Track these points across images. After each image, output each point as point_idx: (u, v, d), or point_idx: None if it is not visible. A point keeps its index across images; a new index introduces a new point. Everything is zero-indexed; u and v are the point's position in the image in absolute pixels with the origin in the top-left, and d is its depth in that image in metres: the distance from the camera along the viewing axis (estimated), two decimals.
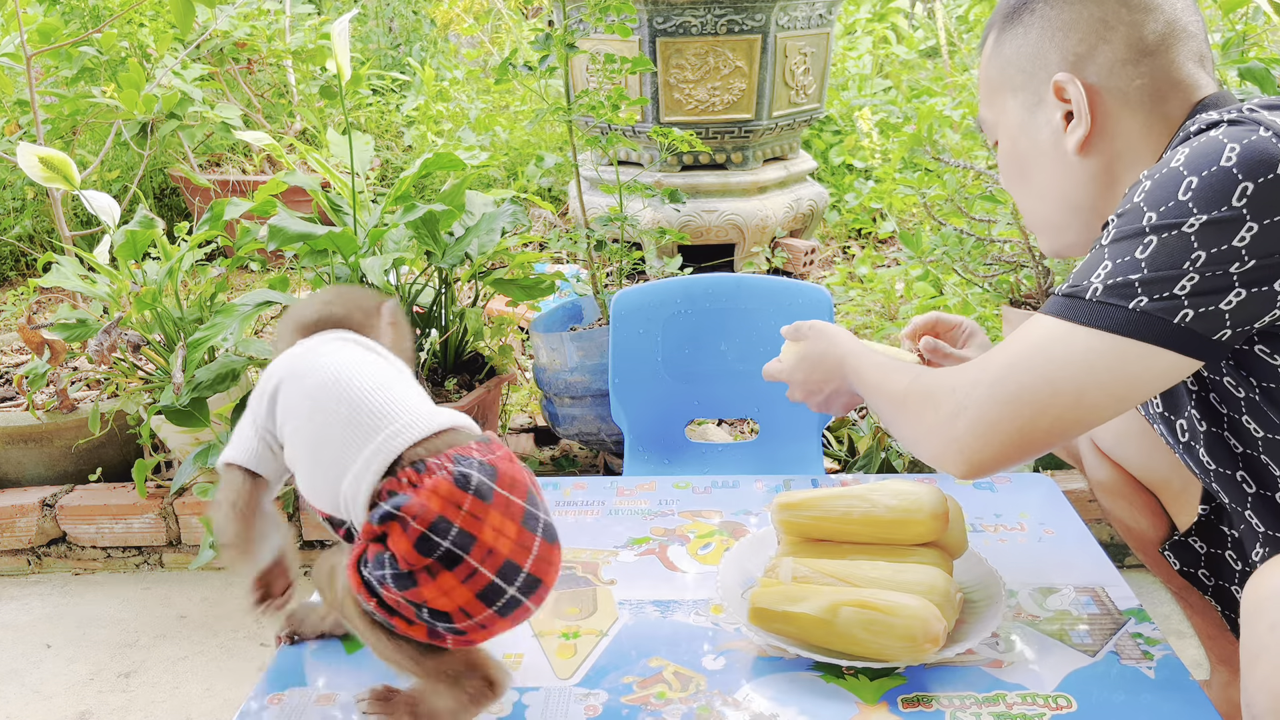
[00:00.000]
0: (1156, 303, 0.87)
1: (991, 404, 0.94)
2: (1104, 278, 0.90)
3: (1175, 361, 0.89)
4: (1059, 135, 1.04)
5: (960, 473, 0.98)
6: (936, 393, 1.00)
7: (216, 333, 1.92)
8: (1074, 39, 1.02)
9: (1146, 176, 0.92)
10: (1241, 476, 1.02)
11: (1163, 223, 0.88)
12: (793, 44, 3.14)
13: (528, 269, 2.32)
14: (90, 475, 2.34)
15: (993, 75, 1.09)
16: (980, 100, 1.14)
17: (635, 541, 1.32)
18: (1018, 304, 2.27)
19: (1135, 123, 1.02)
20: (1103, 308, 0.90)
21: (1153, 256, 0.88)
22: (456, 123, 4.38)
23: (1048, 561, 1.23)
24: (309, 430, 0.98)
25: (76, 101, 2.87)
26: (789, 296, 1.93)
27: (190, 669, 1.89)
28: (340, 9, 5.05)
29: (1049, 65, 1.03)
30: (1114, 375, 0.90)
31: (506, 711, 1.00)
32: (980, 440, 0.95)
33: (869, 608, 1.01)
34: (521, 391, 2.69)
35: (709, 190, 3.25)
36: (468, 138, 3.76)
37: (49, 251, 2.70)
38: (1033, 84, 1.05)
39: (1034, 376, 0.92)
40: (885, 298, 3.14)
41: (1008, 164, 1.13)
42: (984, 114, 1.14)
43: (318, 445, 0.98)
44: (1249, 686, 0.86)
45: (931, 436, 1.00)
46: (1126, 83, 1.01)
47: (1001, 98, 1.09)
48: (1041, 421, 0.93)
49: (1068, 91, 1.02)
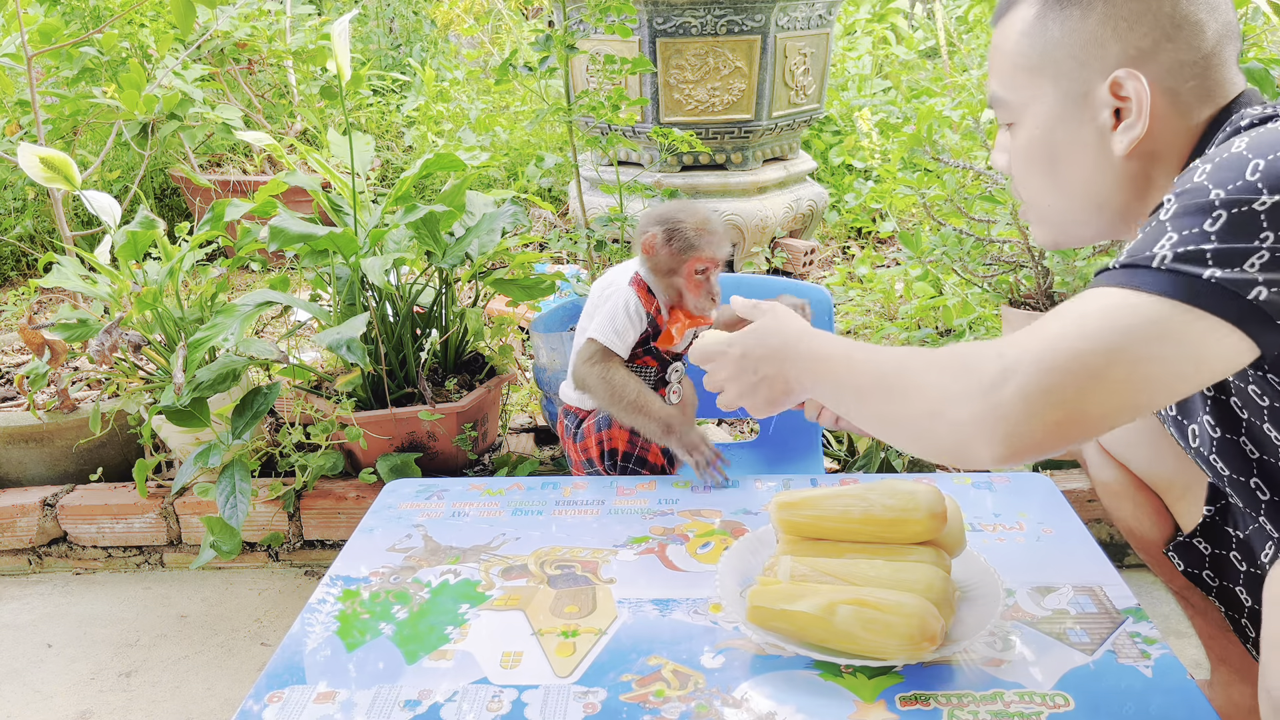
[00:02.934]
0: (1229, 274, 0.81)
1: (1045, 371, 0.83)
2: (1171, 247, 0.83)
3: (1238, 346, 0.82)
4: (1104, 133, 0.98)
5: (995, 452, 0.86)
6: (974, 357, 0.88)
7: (217, 333, 1.92)
8: (1139, 32, 0.95)
9: (1204, 162, 0.87)
10: (1256, 483, 1.02)
11: (1232, 198, 0.83)
12: (792, 44, 3.15)
13: (528, 269, 2.32)
14: (91, 475, 2.34)
15: (1028, 54, 1.00)
16: (997, 75, 1.04)
17: (635, 541, 1.32)
18: (1017, 304, 2.27)
19: (1180, 125, 0.97)
20: (1172, 276, 0.82)
21: (1222, 230, 0.82)
22: (457, 123, 4.39)
23: (1046, 561, 1.23)
24: None
25: (77, 102, 2.88)
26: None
27: (191, 668, 1.89)
28: (340, 9, 5.05)
29: (1107, 58, 0.96)
30: (1179, 349, 0.82)
31: (506, 710, 1.00)
32: (1028, 411, 0.83)
33: (867, 606, 1.01)
34: (521, 391, 2.70)
35: (709, 190, 3.25)
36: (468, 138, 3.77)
37: (50, 252, 2.70)
38: (1083, 73, 0.97)
39: (1092, 343, 0.83)
40: (885, 298, 3.15)
41: (1031, 153, 1.04)
42: (1001, 92, 1.04)
43: None
44: (1270, 671, 0.86)
45: (961, 406, 0.87)
46: (1181, 83, 0.96)
47: (1037, 81, 1.00)
48: (1095, 396, 0.83)
49: (1126, 88, 0.95)
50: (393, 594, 1.22)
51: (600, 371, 1.54)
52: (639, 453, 1.58)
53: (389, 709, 1.01)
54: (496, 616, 1.16)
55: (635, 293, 1.56)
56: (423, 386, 2.17)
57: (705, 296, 1.53)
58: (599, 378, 1.54)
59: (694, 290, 1.53)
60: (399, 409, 2.15)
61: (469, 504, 1.45)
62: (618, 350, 1.56)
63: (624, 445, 1.57)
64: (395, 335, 2.23)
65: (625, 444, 1.57)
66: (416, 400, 2.20)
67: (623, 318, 1.55)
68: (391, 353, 2.22)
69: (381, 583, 1.25)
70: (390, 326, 2.23)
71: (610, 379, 1.53)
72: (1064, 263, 2.18)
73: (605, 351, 1.56)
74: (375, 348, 2.17)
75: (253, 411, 2.03)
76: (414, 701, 1.02)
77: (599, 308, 1.60)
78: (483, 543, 1.34)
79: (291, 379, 2.32)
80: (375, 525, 1.40)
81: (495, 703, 1.01)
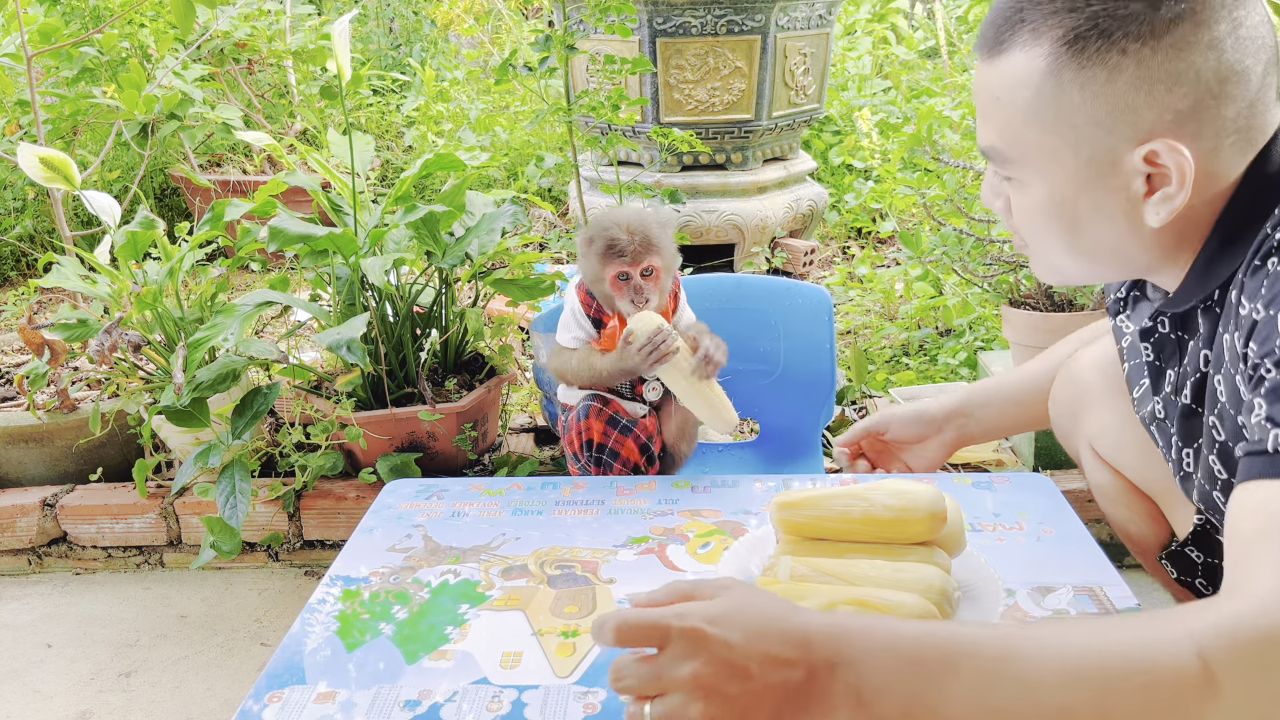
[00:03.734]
0: None
1: (1255, 667, 0.65)
2: None
3: None
4: (1136, 202, 0.86)
5: None
6: (1160, 668, 0.67)
7: (217, 333, 1.92)
8: (1178, 94, 0.81)
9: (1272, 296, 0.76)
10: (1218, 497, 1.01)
11: None
12: (792, 44, 3.15)
13: (528, 269, 2.32)
14: (91, 475, 2.34)
15: (1040, 115, 0.86)
16: (994, 126, 0.91)
17: (635, 541, 1.32)
18: (1017, 304, 2.27)
19: (1220, 182, 0.85)
20: None
21: None
22: (457, 123, 4.39)
23: (1046, 561, 1.23)
24: None
25: (77, 102, 2.88)
26: (789, 296, 1.93)
27: (191, 668, 1.89)
28: (340, 9, 5.05)
29: (1140, 124, 0.82)
30: None
31: (506, 710, 1.00)
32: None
33: (868, 606, 1.01)
34: (522, 391, 2.70)
35: (709, 190, 3.25)
36: (468, 138, 3.77)
37: (50, 252, 2.70)
38: (1110, 141, 0.84)
39: None
40: (885, 298, 3.15)
41: (1046, 215, 0.92)
42: (1001, 147, 0.91)
43: None
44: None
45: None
46: (1223, 140, 0.84)
47: (1051, 144, 0.87)
48: None
49: (1162, 158, 0.83)
50: (393, 594, 1.22)
51: (562, 362, 1.65)
52: (613, 445, 1.61)
53: (389, 709, 1.01)
54: (496, 616, 1.16)
55: (576, 297, 1.63)
56: (423, 386, 2.17)
57: (628, 300, 1.55)
58: (565, 366, 1.64)
59: (618, 293, 1.56)
60: (399, 409, 2.15)
61: (469, 504, 1.45)
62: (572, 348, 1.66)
63: (599, 436, 1.61)
64: (395, 335, 2.23)
65: (600, 435, 1.62)
66: (416, 400, 2.20)
67: (570, 322, 1.63)
68: (391, 353, 2.22)
69: (381, 583, 1.25)
70: (390, 326, 2.23)
71: (569, 363, 1.63)
72: None
73: (564, 347, 1.66)
74: (375, 348, 2.17)
75: (253, 411, 2.03)
76: (414, 702, 1.02)
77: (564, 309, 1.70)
78: (483, 543, 1.34)
79: (291, 379, 2.32)
80: (375, 525, 1.40)
81: (495, 703, 1.01)
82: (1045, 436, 2.20)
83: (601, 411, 1.61)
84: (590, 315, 1.61)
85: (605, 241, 1.53)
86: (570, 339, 1.64)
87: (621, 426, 1.61)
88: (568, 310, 1.64)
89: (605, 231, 1.54)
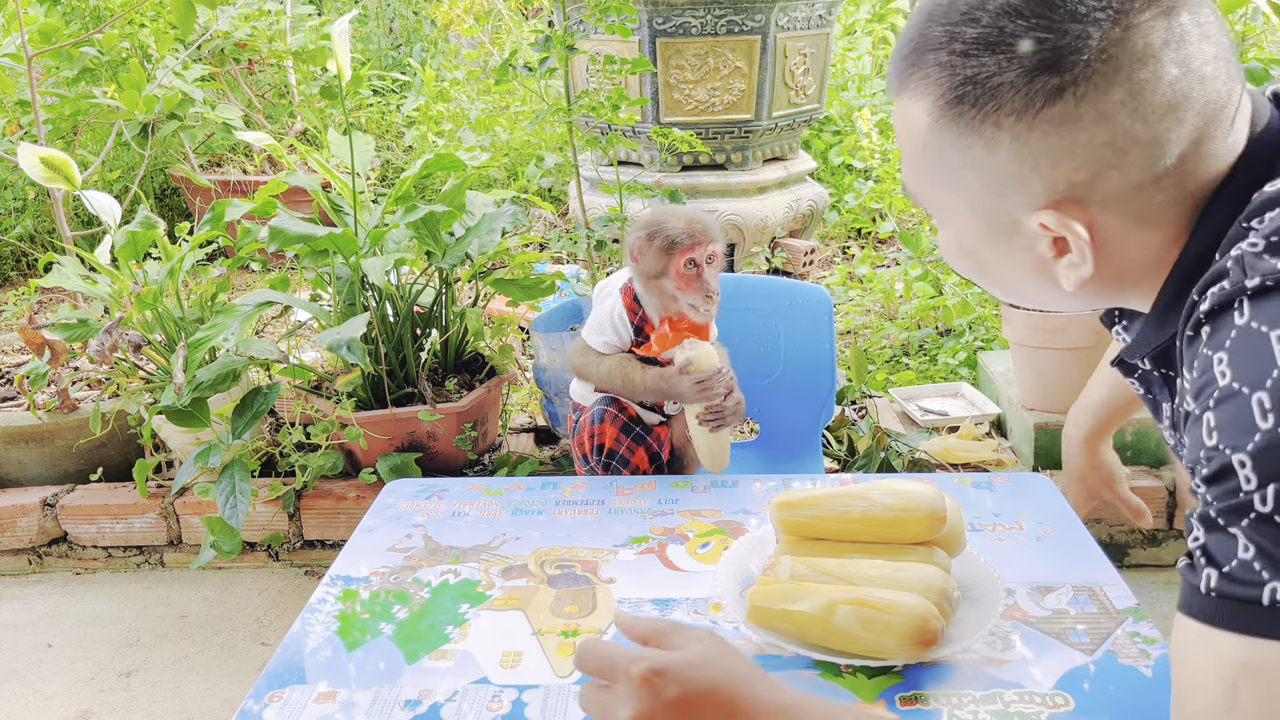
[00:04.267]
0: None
1: None
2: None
3: None
4: (1045, 262, 0.79)
5: None
6: None
7: (217, 333, 1.92)
8: (1068, 168, 0.73)
9: (1208, 399, 0.67)
10: None
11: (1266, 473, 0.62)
12: (792, 44, 3.15)
13: (528, 269, 2.33)
14: (91, 475, 2.34)
15: (933, 167, 0.80)
16: (904, 160, 0.84)
17: (634, 540, 1.32)
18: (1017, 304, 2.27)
19: (1154, 236, 0.77)
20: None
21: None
22: (457, 123, 4.39)
23: (1046, 561, 1.23)
24: None
25: (77, 102, 2.88)
26: (789, 296, 1.93)
27: (191, 668, 1.89)
28: (340, 9, 5.06)
29: (1031, 193, 0.75)
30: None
31: (506, 709, 1.00)
32: None
33: (867, 606, 1.01)
34: (522, 391, 2.70)
35: (709, 190, 3.25)
36: (468, 138, 3.77)
37: (50, 252, 2.70)
38: (1003, 204, 0.78)
39: None
40: (885, 298, 3.15)
41: (960, 263, 0.87)
42: (910, 186, 0.85)
43: None
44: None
45: None
46: (1144, 203, 0.75)
47: (945, 198, 0.82)
48: None
49: (1056, 229, 0.76)
50: (393, 594, 1.22)
51: (586, 362, 1.60)
52: (624, 452, 1.59)
53: (389, 709, 1.01)
54: (496, 616, 1.16)
55: (621, 301, 1.58)
56: (423, 386, 2.17)
57: (698, 294, 1.49)
58: (589, 368, 1.60)
59: (685, 287, 1.50)
60: (399, 409, 2.15)
61: (469, 504, 1.45)
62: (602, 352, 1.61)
63: (611, 442, 1.59)
64: (395, 335, 2.23)
65: (613, 441, 1.59)
66: (416, 400, 2.20)
67: (607, 325, 1.58)
68: (391, 353, 2.22)
69: (381, 583, 1.25)
70: (390, 326, 2.23)
71: (599, 368, 1.59)
72: None
73: (591, 348, 1.61)
74: (375, 348, 2.17)
75: (253, 411, 2.03)
76: (414, 701, 1.02)
77: (594, 310, 1.63)
78: (483, 543, 1.34)
79: (291, 379, 2.32)
80: (375, 525, 1.40)
81: (495, 702, 1.01)
82: (1045, 436, 2.20)
83: (617, 417, 1.59)
84: (633, 322, 1.57)
85: (667, 234, 1.49)
86: (602, 343, 1.59)
87: (635, 434, 1.60)
88: (606, 312, 1.58)
89: (663, 225, 1.49)
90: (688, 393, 1.48)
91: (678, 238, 1.49)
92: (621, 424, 1.59)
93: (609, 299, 1.60)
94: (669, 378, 1.50)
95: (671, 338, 1.53)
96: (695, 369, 1.48)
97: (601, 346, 1.58)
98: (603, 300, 1.61)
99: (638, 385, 1.55)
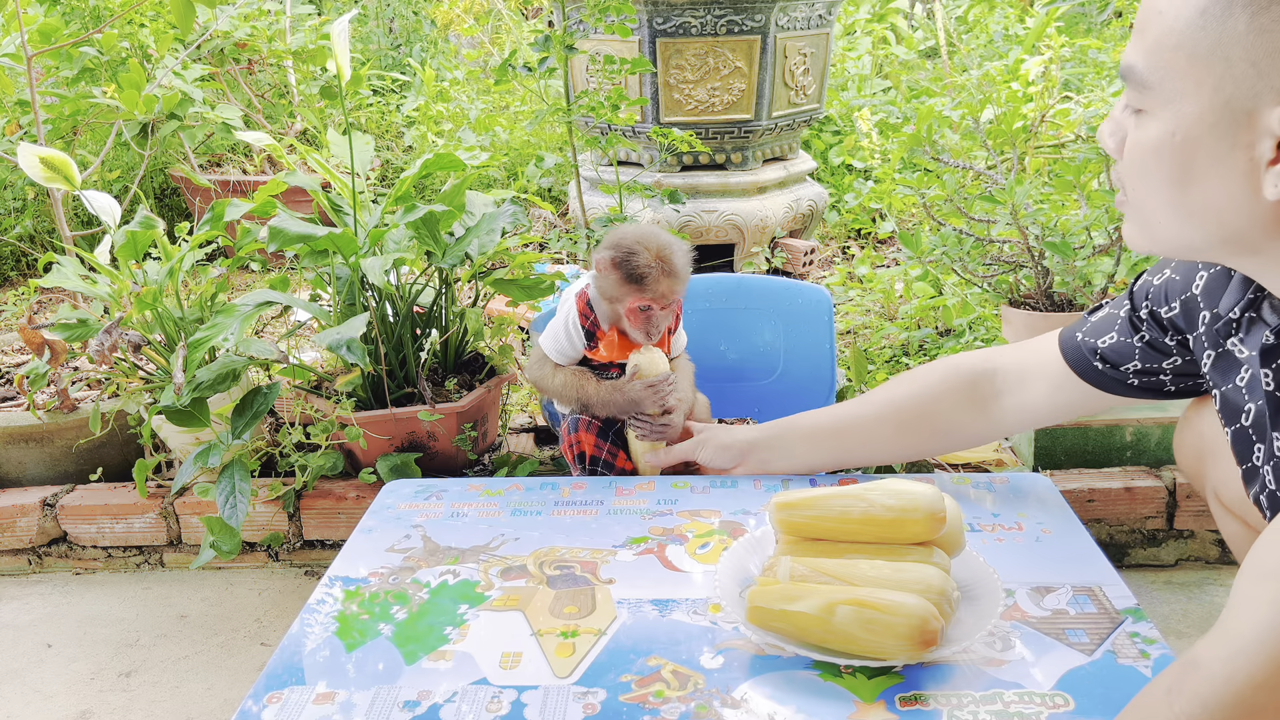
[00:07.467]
0: None
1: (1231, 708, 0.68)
2: None
3: None
4: (1258, 167, 0.79)
5: None
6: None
7: (217, 333, 1.92)
8: None
9: None
10: None
11: None
12: (792, 44, 3.15)
13: (528, 269, 2.32)
14: (91, 475, 2.34)
15: (1197, 38, 0.79)
16: (1144, 44, 0.83)
17: (634, 541, 1.32)
18: (1017, 304, 2.27)
19: None
20: None
21: None
22: (457, 123, 4.39)
23: (1045, 561, 1.23)
24: None
25: (77, 102, 2.88)
26: (789, 296, 1.94)
27: (191, 668, 1.89)
28: (340, 9, 5.05)
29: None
30: None
31: (505, 710, 1.00)
32: None
33: (867, 606, 1.01)
34: (521, 391, 2.70)
35: (709, 190, 3.25)
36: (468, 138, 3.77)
37: (50, 252, 2.70)
38: (1257, 85, 0.76)
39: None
40: (885, 298, 3.15)
41: (1159, 157, 0.85)
42: (1142, 69, 0.83)
43: None
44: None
45: None
46: None
47: (1196, 74, 0.80)
48: None
49: None
50: (392, 594, 1.22)
51: (542, 374, 1.62)
52: (606, 457, 1.60)
53: (388, 710, 1.01)
54: (496, 617, 1.16)
55: (575, 308, 1.59)
56: (423, 386, 2.17)
57: (641, 332, 1.53)
58: (545, 380, 1.62)
59: (633, 323, 1.54)
60: (399, 409, 2.15)
61: (468, 504, 1.45)
62: (558, 361, 1.63)
63: (591, 449, 1.61)
64: (395, 335, 2.23)
65: (592, 448, 1.61)
66: (416, 400, 2.20)
67: (562, 334, 1.61)
68: (391, 353, 2.22)
69: (381, 583, 1.25)
70: (390, 326, 2.23)
71: (553, 381, 1.61)
72: (1063, 263, 2.18)
73: (547, 358, 1.63)
74: (375, 348, 2.17)
75: (253, 411, 2.03)
76: (413, 702, 1.02)
77: (554, 317, 1.66)
78: (482, 543, 1.34)
79: (291, 379, 2.32)
80: (375, 525, 1.40)
81: (495, 703, 1.01)
82: (1045, 436, 2.20)
83: (591, 424, 1.61)
84: (585, 327, 1.59)
85: (632, 269, 1.49)
86: (557, 352, 1.60)
87: (611, 439, 1.61)
88: (560, 320, 1.60)
89: (632, 256, 1.49)
90: (639, 397, 1.50)
91: (640, 279, 1.50)
92: (597, 429, 1.61)
93: (562, 307, 1.62)
94: (621, 386, 1.53)
95: (619, 345, 1.57)
96: (644, 374, 1.50)
97: (556, 356, 1.61)
98: (562, 305, 1.63)
99: (592, 398, 1.57)
